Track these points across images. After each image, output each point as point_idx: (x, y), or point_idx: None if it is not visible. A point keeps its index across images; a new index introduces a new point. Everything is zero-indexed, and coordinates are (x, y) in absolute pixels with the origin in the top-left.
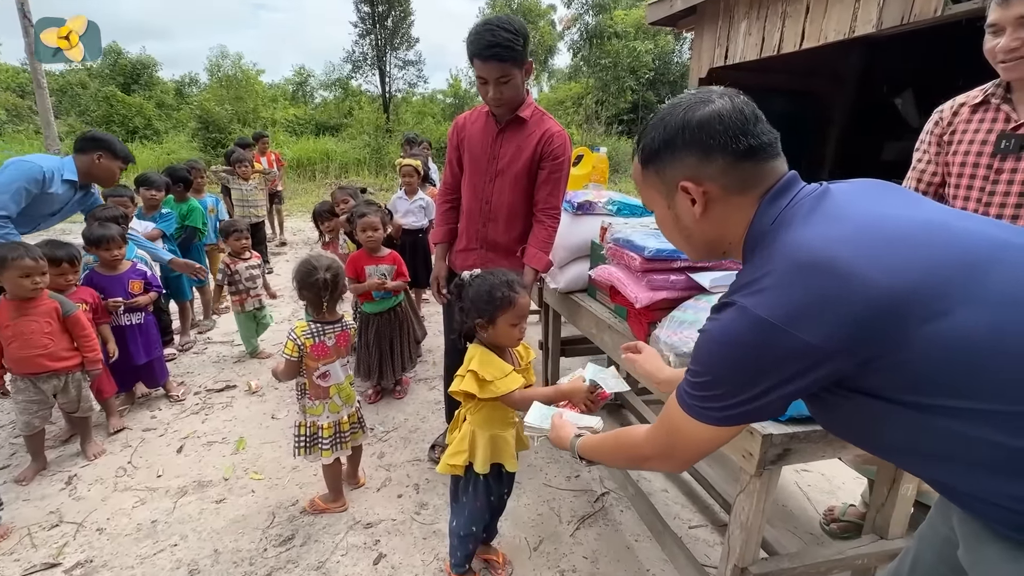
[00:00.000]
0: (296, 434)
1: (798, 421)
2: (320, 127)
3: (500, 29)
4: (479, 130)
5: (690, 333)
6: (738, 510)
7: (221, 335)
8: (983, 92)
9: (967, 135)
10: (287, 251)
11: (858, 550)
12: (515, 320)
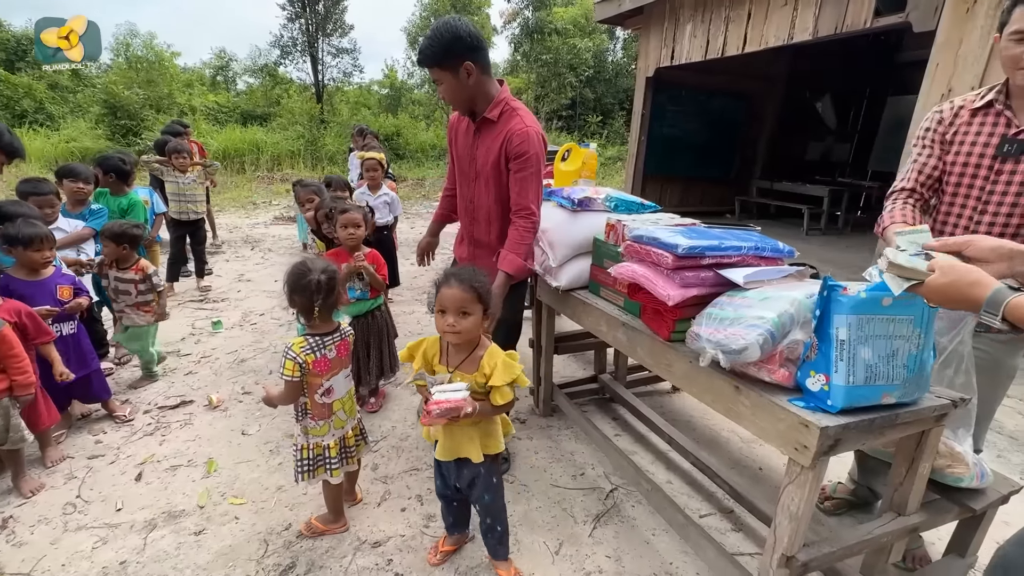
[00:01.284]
0: (298, 458)
1: (848, 412)
2: (246, 116)
3: (427, 38)
4: (463, 131)
5: (735, 330)
6: (787, 501)
7: (163, 344)
8: (980, 96)
9: (968, 136)
10: (225, 250)
11: (884, 528)
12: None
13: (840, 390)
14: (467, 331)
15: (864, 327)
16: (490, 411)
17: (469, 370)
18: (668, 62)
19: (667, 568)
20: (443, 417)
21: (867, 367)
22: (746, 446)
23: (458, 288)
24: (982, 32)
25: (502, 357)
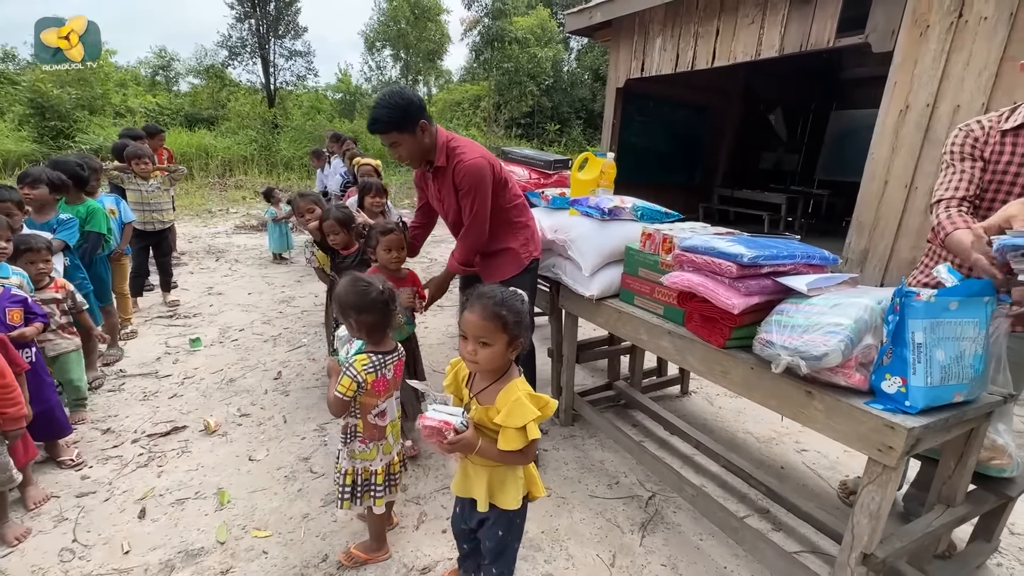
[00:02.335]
0: (342, 484)
1: (925, 412)
2: (191, 118)
3: (378, 107)
4: (423, 177)
5: (812, 337)
6: (866, 500)
7: (136, 365)
8: (1004, 119)
9: (1004, 156)
10: (187, 261)
11: (940, 520)
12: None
13: (919, 391)
14: (487, 362)
15: (936, 330)
16: (496, 455)
17: (486, 401)
18: (639, 74)
19: (723, 572)
20: (430, 438)
21: (942, 368)
22: (764, 446)
23: (479, 315)
24: (935, 54)
25: (519, 396)
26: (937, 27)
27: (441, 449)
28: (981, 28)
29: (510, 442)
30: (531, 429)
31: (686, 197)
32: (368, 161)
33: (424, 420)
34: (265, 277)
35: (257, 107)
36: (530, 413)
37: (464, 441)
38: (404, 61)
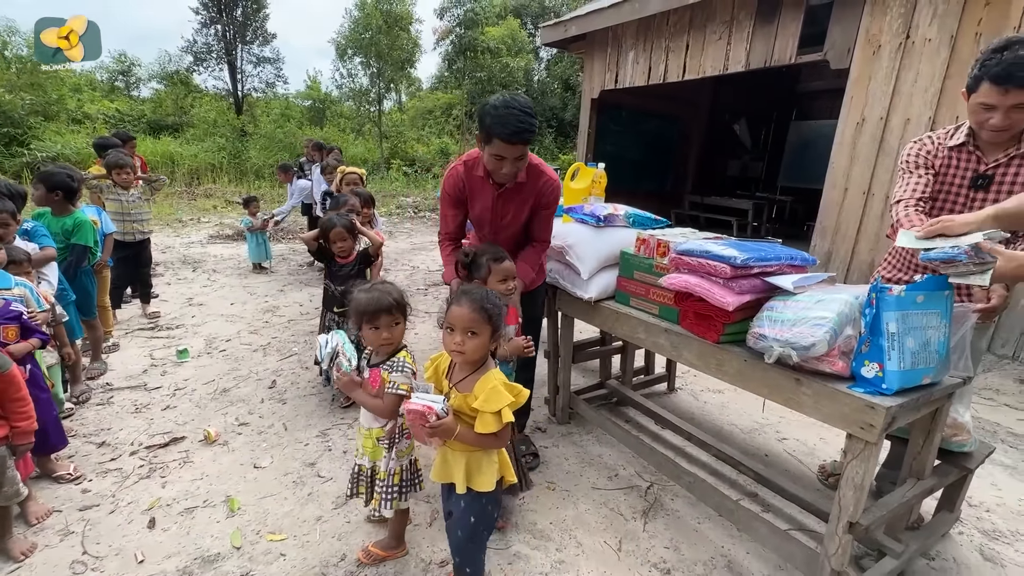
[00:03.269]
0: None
1: (899, 394)
2: (154, 125)
3: (525, 114)
4: (478, 189)
5: (801, 329)
6: (851, 474)
7: (123, 378)
8: (950, 136)
9: (950, 169)
10: (163, 272)
11: (912, 491)
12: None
13: (894, 375)
14: (472, 351)
15: (906, 320)
16: (473, 439)
17: (466, 390)
18: (613, 85)
19: (722, 551)
20: (413, 424)
21: (912, 354)
22: (748, 436)
23: (468, 308)
24: (886, 71)
25: (495, 384)
26: (888, 47)
27: (423, 433)
28: (926, 49)
29: (487, 425)
30: (506, 413)
31: (659, 204)
32: (354, 170)
33: (409, 405)
34: (246, 287)
35: (225, 114)
36: (505, 399)
37: (444, 426)
38: (376, 69)
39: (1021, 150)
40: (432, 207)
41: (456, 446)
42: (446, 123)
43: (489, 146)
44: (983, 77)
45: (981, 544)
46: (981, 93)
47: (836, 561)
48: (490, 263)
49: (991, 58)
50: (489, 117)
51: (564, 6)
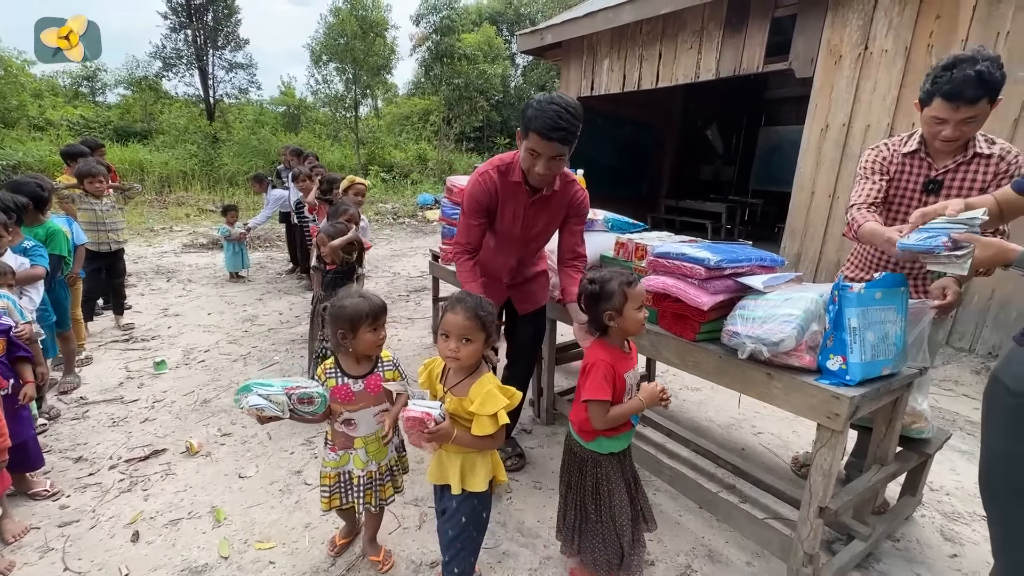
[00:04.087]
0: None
1: (862, 384)
2: (122, 132)
3: (568, 113)
4: (510, 198)
5: (771, 326)
6: (820, 461)
7: (97, 391)
8: (904, 143)
9: (903, 175)
10: (136, 282)
11: (877, 476)
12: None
13: (857, 367)
14: (467, 357)
15: (866, 316)
16: (469, 441)
17: (460, 394)
18: (588, 92)
19: (702, 541)
20: (412, 430)
21: (872, 347)
22: (725, 432)
23: (463, 315)
24: (847, 80)
25: (490, 387)
26: (848, 57)
27: (422, 439)
28: (883, 59)
29: (484, 428)
30: (501, 415)
31: (635, 208)
32: (362, 181)
33: (408, 412)
34: (223, 296)
35: (196, 120)
36: (500, 401)
37: (442, 431)
38: (352, 75)
39: (968, 156)
40: (410, 213)
41: (452, 448)
42: (424, 129)
43: (526, 140)
44: (935, 93)
45: (942, 525)
46: (933, 108)
47: (808, 544)
48: (624, 288)
49: (941, 75)
50: (531, 109)
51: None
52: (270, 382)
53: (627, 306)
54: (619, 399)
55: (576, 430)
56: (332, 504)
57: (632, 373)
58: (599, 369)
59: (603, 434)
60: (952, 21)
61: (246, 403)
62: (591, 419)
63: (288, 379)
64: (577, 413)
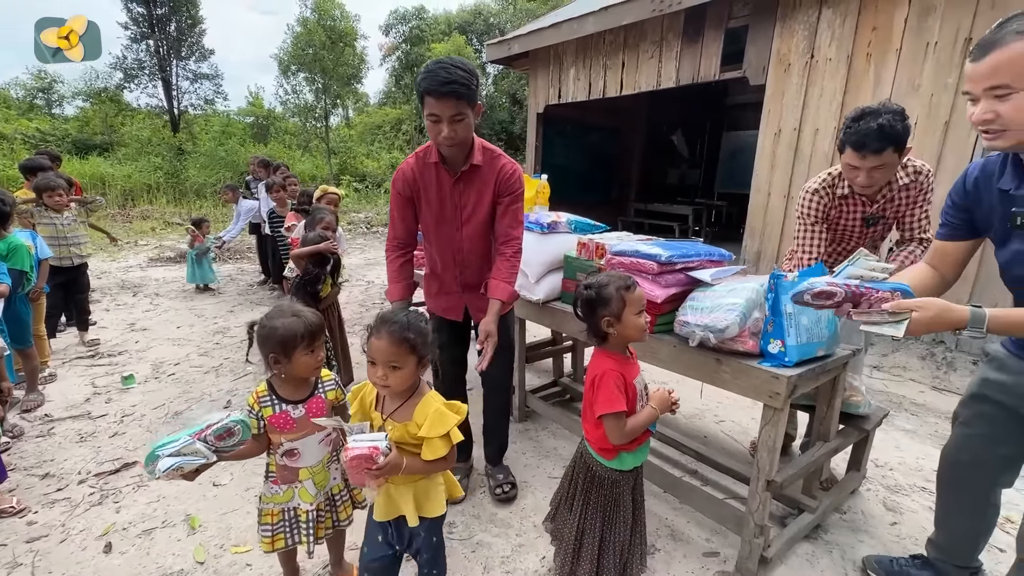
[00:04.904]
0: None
1: (799, 365)
2: (80, 145)
3: (455, 68)
4: (432, 183)
5: (717, 315)
6: (765, 438)
7: (63, 408)
8: (832, 186)
9: (845, 213)
10: (100, 298)
11: (819, 452)
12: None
13: (794, 349)
14: (398, 384)
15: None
16: (421, 467)
17: (403, 418)
18: (556, 100)
19: (666, 522)
20: (356, 470)
21: (806, 330)
22: (689, 421)
23: (387, 340)
24: (797, 87)
25: (437, 406)
26: (796, 65)
27: (368, 477)
28: (828, 66)
29: (436, 450)
30: (454, 434)
31: (605, 212)
32: (335, 190)
33: (351, 452)
34: (193, 309)
35: (160, 132)
36: (450, 419)
37: (391, 463)
38: (321, 84)
39: (892, 192)
40: (384, 222)
41: (400, 479)
42: (396, 138)
43: (425, 108)
44: (847, 142)
45: (885, 497)
46: (847, 155)
47: (758, 516)
48: (623, 292)
49: (850, 127)
50: (420, 76)
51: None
52: (174, 437)
53: (626, 311)
54: (632, 408)
55: (596, 450)
56: (275, 545)
57: (639, 379)
58: (610, 379)
59: (625, 449)
60: (887, 32)
61: (159, 470)
62: (608, 434)
63: (192, 426)
64: (593, 431)
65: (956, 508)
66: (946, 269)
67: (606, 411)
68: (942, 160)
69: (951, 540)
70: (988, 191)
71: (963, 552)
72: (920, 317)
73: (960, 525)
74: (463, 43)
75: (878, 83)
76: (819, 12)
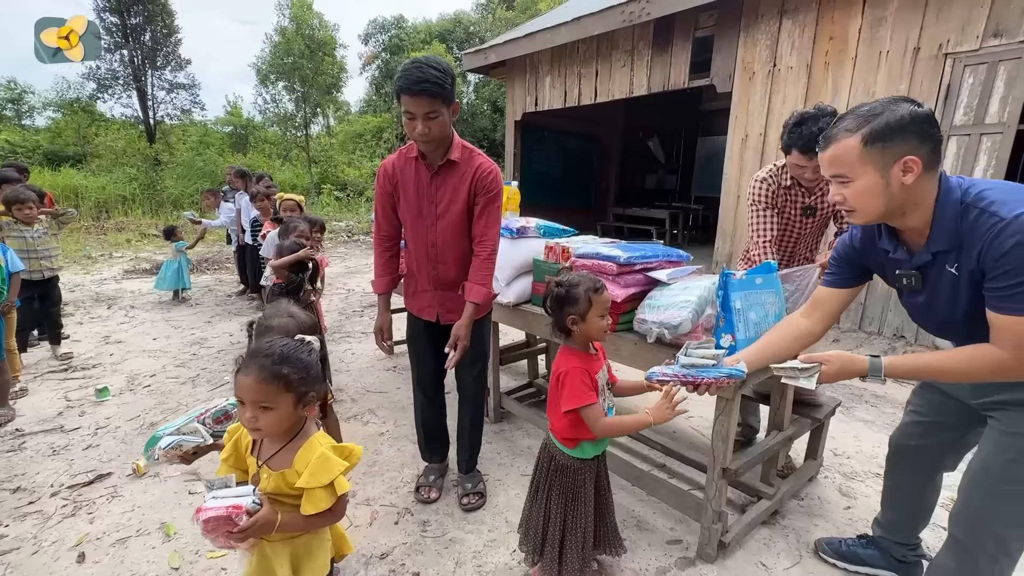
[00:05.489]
0: None
1: None
2: (52, 157)
3: (428, 67)
4: (411, 177)
5: (672, 312)
6: (719, 428)
7: (35, 423)
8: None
9: (787, 204)
10: (73, 311)
11: (775, 440)
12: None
13: (744, 342)
14: (270, 427)
15: (749, 298)
16: (301, 524)
17: (280, 465)
18: (533, 108)
19: (633, 513)
20: (213, 533)
21: (755, 324)
22: None
23: (256, 376)
24: (761, 94)
25: (322, 451)
26: (760, 73)
27: (230, 540)
28: (789, 75)
29: (318, 503)
30: (340, 483)
31: (584, 216)
32: (291, 197)
33: (204, 513)
34: (169, 321)
35: (135, 143)
36: (337, 466)
37: (261, 521)
38: (301, 93)
39: (829, 186)
40: (365, 231)
41: (276, 537)
42: (377, 146)
43: (401, 105)
44: (792, 145)
45: (841, 484)
46: (793, 157)
47: (716, 503)
48: (591, 294)
49: (793, 131)
50: (397, 74)
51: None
52: (173, 423)
53: (591, 312)
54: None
55: (559, 439)
56: None
57: (601, 373)
58: (574, 376)
59: (587, 438)
60: (843, 42)
61: (160, 449)
62: (590, 425)
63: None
64: (556, 422)
65: (901, 490)
66: (822, 321)
67: (574, 406)
68: None
69: (895, 519)
70: (873, 249)
71: (905, 530)
72: (827, 370)
73: (904, 505)
74: (443, 51)
75: (836, 90)
76: (780, 23)
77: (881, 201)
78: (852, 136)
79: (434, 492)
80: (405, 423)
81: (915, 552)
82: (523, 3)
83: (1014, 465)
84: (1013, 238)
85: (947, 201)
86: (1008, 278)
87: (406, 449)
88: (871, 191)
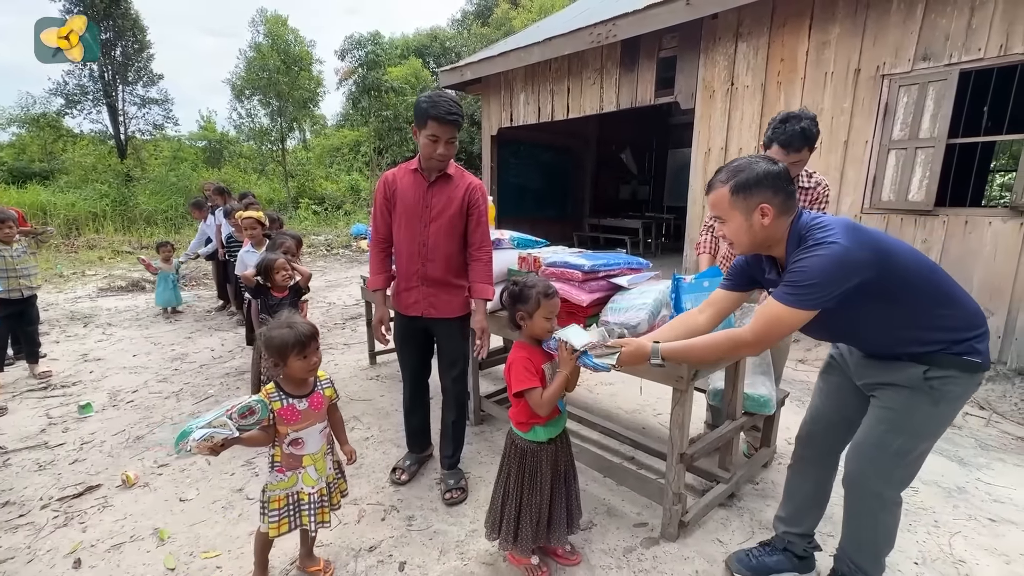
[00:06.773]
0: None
1: None
2: (17, 173)
3: (454, 103)
4: (409, 185)
5: (631, 314)
6: (675, 417)
7: (17, 440)
8: None
9: None
10: (48, 330)
11: (728, 428)
12: None
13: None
14: None
15: (698, 300)
16: None
17: None
18: (508, 123)
19: (603, 502)
20: None
21: None
22: (631, 416)
23: None
24: (721, 110)
25: None
26: (719, 91)
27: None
28: (746, 93)
29: None
30: None
31: (561, 227)
32: (250, 214)
33: None
34: (149, 337)
35: (106, 159)
36: None
37: None
38: (276, 107)
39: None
40: (344, 244)
41: None
42: (355, 160)
43: (424, 129)
44: (774, 140)
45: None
46: (773, 151)
47: (675, 485)
48: (541, 297)
49: (779, 127)
50: (424, 103)
51: (464, 47)
52: (204, 417)
53: (538, 312)
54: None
55: (514, 424)
56: (281, 530)
57: (549, 366)
58: (519, 364)
59: (537, 422)
60: (793, 63)
61: (193, 441)
62: (533, 406)
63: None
64: (512, 409)
65: (807, 475)
66: (713, 317)
67: (519, 388)
68: (844, 174)
69: (796, 509)
70: (759, 267)
71: (806, 519)
72: (625, 351)
73: (807, 492)
74: (420, 66)
75: (788, 107)
76: (736, 45)
77: (748, 237)
78: (724, 187)
79: (404, 475)
80: (389, 428)
81: (811, 544)
82: (498, 19)
83: (887, 434)
84: (807, 252)
85: (793, 236)
86: (788, 276)
87: (391, 452)
88: (740, 229)
